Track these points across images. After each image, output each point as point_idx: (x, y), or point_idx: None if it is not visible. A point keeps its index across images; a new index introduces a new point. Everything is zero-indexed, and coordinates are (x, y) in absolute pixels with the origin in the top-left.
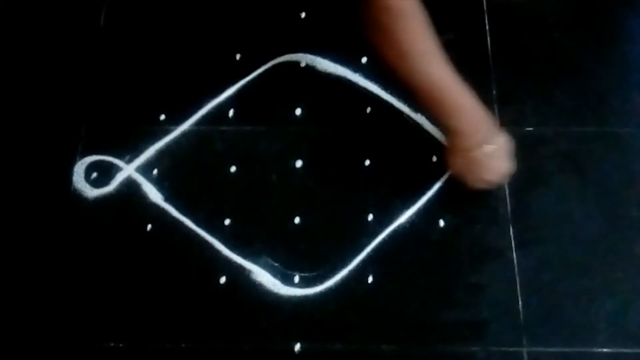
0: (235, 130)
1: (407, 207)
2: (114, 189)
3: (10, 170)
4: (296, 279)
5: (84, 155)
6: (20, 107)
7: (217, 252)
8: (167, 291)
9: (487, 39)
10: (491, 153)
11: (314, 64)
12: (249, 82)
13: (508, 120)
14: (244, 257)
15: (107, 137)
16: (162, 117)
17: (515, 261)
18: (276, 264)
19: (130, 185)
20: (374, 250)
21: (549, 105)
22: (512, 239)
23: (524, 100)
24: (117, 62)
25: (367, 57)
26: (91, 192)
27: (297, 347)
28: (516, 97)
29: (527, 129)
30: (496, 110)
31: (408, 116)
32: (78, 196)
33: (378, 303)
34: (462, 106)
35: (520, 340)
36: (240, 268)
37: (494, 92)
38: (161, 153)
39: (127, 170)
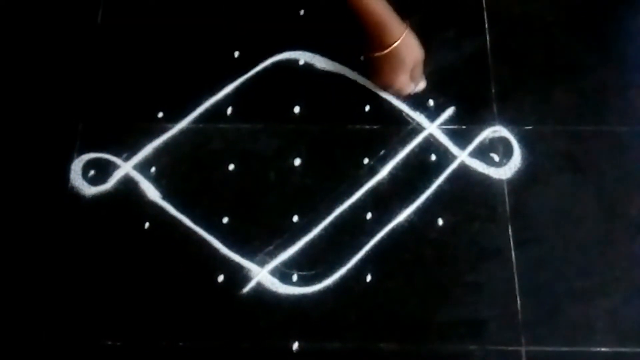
0: (233, 128)
1: (406, 205)
2: (112, 187)
3: (7, 168)
4: (294, 277)
5: (81, 152)
6: (17, 104)
7: (215, 251)
8: (164, 289)
9: (486, 36)
10: (404, 43)
11: (313, 62)
12: (247, 80)
13: (506, 119)
14: (242, 255)
15: (105, 134)
16: (160, 114)
17: (513, 260)
18: (274, 263)
19: (127, 183)
20: (373, 249)
21: (548, 104)
22: (510, 238)
23: (522, 99)
24: (115, 59)
25: None
26: (88, 190)
27: (295, 345)
28: (515, 95)
29: (526, 127)
30: (495, 108)
31: (407, 114)
32: (75, 194)
33: (376, 302)
34: (381, 11)
35: (518, 339)
36: (238, 266)
37: (493, 90)
38: (159, 151)
39: (125, 168)
